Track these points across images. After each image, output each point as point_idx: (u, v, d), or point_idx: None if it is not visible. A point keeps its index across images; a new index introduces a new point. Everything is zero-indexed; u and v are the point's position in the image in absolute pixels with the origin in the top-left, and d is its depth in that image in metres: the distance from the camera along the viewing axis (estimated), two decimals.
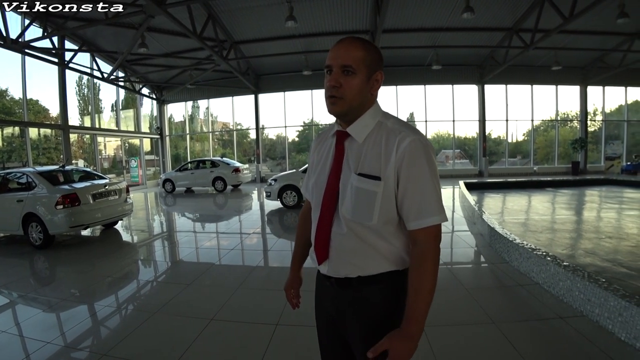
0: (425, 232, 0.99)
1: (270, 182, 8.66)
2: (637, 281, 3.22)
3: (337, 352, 1.22)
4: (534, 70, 15.46)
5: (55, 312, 3.19)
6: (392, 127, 1.03)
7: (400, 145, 0.98)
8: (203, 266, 4.41)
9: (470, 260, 4.52)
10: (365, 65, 1.01)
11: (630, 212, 6.83)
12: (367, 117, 1.06)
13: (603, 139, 17.03)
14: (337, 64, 1.00)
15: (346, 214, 1.04)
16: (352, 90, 1.01)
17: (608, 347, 2.29)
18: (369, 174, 1.01)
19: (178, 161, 18.71)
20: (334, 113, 1.06)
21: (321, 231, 1.09)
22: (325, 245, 1.09)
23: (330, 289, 1.15)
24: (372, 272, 1.06)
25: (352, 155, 1.05)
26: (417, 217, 0.99)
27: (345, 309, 1.12)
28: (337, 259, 1.08)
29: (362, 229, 1.03)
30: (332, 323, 1.19)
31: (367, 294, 1.08)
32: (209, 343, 2.52)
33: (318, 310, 1.25)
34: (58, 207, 5.33)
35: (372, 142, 1.04)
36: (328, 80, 1.02)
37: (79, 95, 16.63)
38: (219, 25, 11.11)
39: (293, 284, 1.39)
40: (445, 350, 2.33)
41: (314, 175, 1.17)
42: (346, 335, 1.16)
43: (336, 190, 1.06)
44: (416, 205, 0.99)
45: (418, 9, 10.74)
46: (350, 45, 1.01)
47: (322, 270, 1.14)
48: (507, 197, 9.24)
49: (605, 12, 9.86)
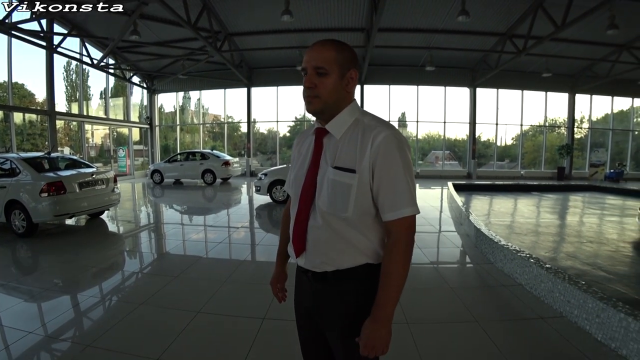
0: (398, 222, 1.03)
1: (260, 177, 8.63)
2: (615, 285, 3.33)
3: (316, 345, 1.25)
4: (524, 76, 15.71)
5: (38, 301, 3.12)
6: (369, 123, 1.07)
7: (375, 139, 1.02)
8: (190, 259, 4.38)
9: (456, 260, 4.60)
10: (337, 64, 1.05)
11: (611, 218, 7.04)
12: (345, 114, 1.10)
13: (588, 146, 17.45)
14: (311, 65, 1.06)
15: (322, 206, 1.07)
16: (326, 89, 1.05)
17: (585, 347, 2.37)
18: (345, 167, 1.04)
19: (167, 152, 18.45)
20: (311, 111, 1.10)
21: (298, 224, 1.13)
22: (302, 238, 1.12)
23: (307, 283, 1.18)
24: (347, 265, 1.09)
25: (330, 151, 1.10)
26: (391, 209, 1.03)
27: (322, 303, 1.15)
28: (313, 251, 1.11)
29: (337, 221, 1.07)
30: (310, 317, 1.22)
31: (343, 288, 1.11)
32: (195, 336, 2.51)
33: (297, 304, 1.28)
34: (43, 194, 5.21)
35: (349, 138, 1.07)
36: (304, 81, 1.08)
37: (67, 81, 16.27)
38: (214, 16, 10.96)
39: (279, 278, 1.42)
40: (429, 348, 2.38)
41: (294, 171, 1.22)
42: (324, 327, 1.18)
43: (314, 184, 1.10)
44: (390, 197, 1.02)
45: (414, 9, 10.78)
46: (321, 47, 1.06)
47: (300, 263, 1.17)
48: (494, 200, 9.41)
49: (595, 23, 10.07)
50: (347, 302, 1.11)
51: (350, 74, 1.09)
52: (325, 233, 1.08)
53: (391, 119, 16.86)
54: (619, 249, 4.72)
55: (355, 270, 1.09)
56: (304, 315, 1.25)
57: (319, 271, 1.12)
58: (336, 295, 1.12)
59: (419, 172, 16.57)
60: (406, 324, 2.63)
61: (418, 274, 3.81)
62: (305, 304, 1.22)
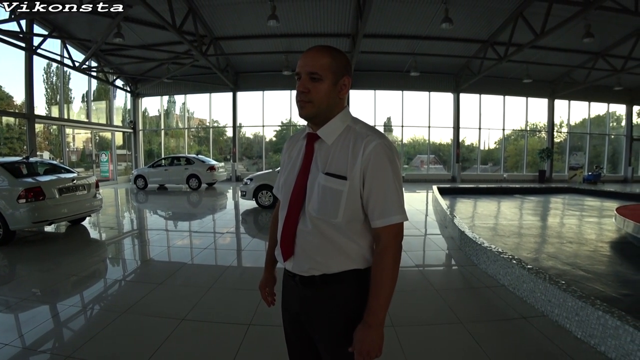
0: (387, 229, 1.05)
1: (246, 182, 8.56)
2: (594, 283, 3.44)
3: (304, 350, 1.25)
4: (506, 82, 16.16)
5: (15, 312, 3.01)
6: (360, 131, 1.09)
7: (366, 148, 1.04)
8: (175, 265, 4.30)
9: (441, 262, 4.66)
10: (331, 71, 1.07)
11: (590, 219, 7.25)
12: (337, 120, 1.12)
13: (567, 150, 18.03)
14: (305, 71, 1.07)
15: (312, 211, 1.08)
16: (319, 95, 1.07)
17: (566, 345, 2.44)
18: (336, 174, 1.06)
19: (151, 157, 18.13)
20: (303, 116, 1.11)
21: (287, 228, 1.13)
22: (290, 242, 1.13)
23: (295, 288, 1.17)
24: (335, 270, 1.09)
25: (321, 156, 1.11)
26: (380, 216, 1.04)
27: (310, 308, 1.15)
28: (301, 256, 1.11)
29: (326, 226, 1.07)
30: (297, 321, 1.21)
31: (331, 292, 1.11)
32: (180, 344, 2.47)
33: (284, 309, 1.28)
34: (20, 201, 5.04)
35: (341, 145, 1.09)
36: (297, 86, 1.09)
37: (47, 83, 15.80)
38: (200, 20, 10.90)
39: (267, 282, 1.42)
40: (414, 349, 2.40)
41: (284, 175, 1.22)
42: (311, 332, 1.18)
43: (304, 189, 1.11)
44: (380, 204, 1.04)
45: (399, 16, 10.97)
46: (316, 53, 1.08)
47: (288, 267, 1.17)
48: (477, 203, 9.58)
49: (572, 31, 10.48)
50: (335, 307, 1.11)
51: (344, 81, 1.10)
52: (315, 238, 1.09)
53: (377, 123, 17.05)
54: (597, 248, 4.87)
55: (343, 275, 1.10)
56: (292, 320, 1.24)
57: (306, 275, 1.12)
58: (324, 300, 1.12)
59: (405, 176, 16.75)
60: (392, 327, 2.64)
61: (403, 277, 3.83)
62: (292, 309, 1.22)
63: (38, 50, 10.93)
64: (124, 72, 15.68)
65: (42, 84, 15.33)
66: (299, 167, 1.15)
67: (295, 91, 1.10)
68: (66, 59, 12.40)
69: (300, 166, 1.15)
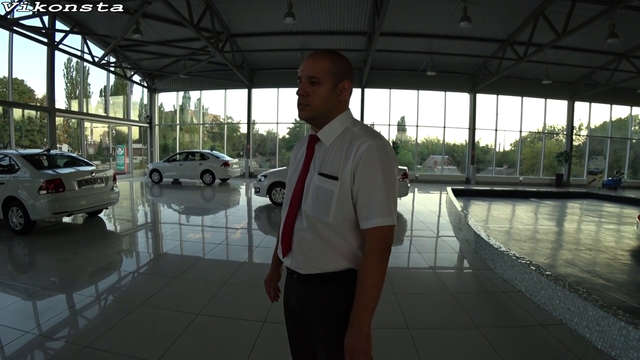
0: (372, 232, 1.04)
1: (260, 178, 8.61)
2: (614, 293, 3.34)
3: (303, 346, 1.27)
4: (524, 83, 15.79)
5: (34, 300, 3.10)
6: (357, 133, 1.10)
7: (359, 148, 1.04)
8: (189, 259, 4.36)
9: (456, 265, 4.60)
10: (330, 75, 1.09)
11: (609, 226, 7.06)
12: (336, 122, 1.14)
13: (587, 154, 17.53)
14: (305, 75, 1.11)
15: (307, 210, 1.12)
16: (318, 98, 1.10)
17: (585, 355, 2.37)
18: (328, 174, 1.09)
19: (166, 151, 18.41)
20: (302, 118, 1.15)
21: (287, 226, 1.18)
22: (288, 239, 1.17)
23: (293, 285, 1.21)
24: (330, 268, 1.11)
25: (319, 157, 1.14)
26: (366, 218, 1.05)
27: (307, 306, 1.18)
28: (297, 252, 1.15)
29: (320, 224, 1.10)
30: (296, 318, 1.25)
31: (326, 292, 1.13)
32: (195, 338, 2.50)
33: (285, 305, 1.32)
34: (41, 192, 5.18)
35: (337, 146, 1.11)
36: (297, 89, 1.13)
37: (67, 78, 16.20)
38: (216, 17, 10.98)
39: (272, 278, 1.47)
40: (430, 353, 2.37)
41: (289, 175, 1.28)
42: (307, 330, 1.20)
43: (302, 188, 1.14)
44: (365, 206, 1.04)
45: (416, 14, 10.83)
46: (316, 57, 1.11)
47: (286, 263, 1.21)
48: (492, 205, 9.42)
49: (596, 31, 10.15)
50: (329, 307, 1.13)
51: (343, 85, 1.12)
52: (309, 235, 1.12)
53: (391, 122, 16.92)
54: (617, 257, 4.73)
55: (338, 275, 1.11)
56: (291, 316, 1.28)
57: (304, 273, 1.15)
58: (319, 299, 1.14)
59: (418, 176, 16.59)
60: (407, 329, 2.62)
61: (418, 279, 3.81)
62: (292, 305, 1.26)
63: (59, 45, 11.19)
64: (142, 68, 15.93)
65: (63, 79, 15.75)
66: (300, 167, 1.20)
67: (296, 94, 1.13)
68: (86, 55, 12.68)
69: (301, 167, 1.19)
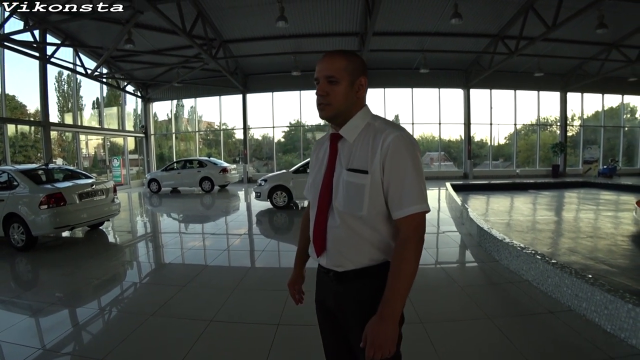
0: (406, 220, 1.06)
1: (260, 183, 8.62)
2: (619, 277, 3.39)
3: (338, 344, 1.27)
4: (517, 76, 15.93)
5: (42, 317, 3.05)
6: (379, 127, 1.13)
7: (385, 141, 1.07)
8: (196, 268, 4.35)
9: (462, 259, 4.64)
10: (347, 73, 1.12)
11: (607, 213, 7.14)
12: (357, 119, 1.17)
13: (581, 144, 17.71)
14: (322, 75, 1.13)
15: (339, 207, 1.13)
16: (337, 97, 1.12)
17: (595, 339, 2.41)
18: (358, 169, 1.10)
19: (163, 161, 18.35)
20: (324, 118, 1.18)
21: (318, 225, 1.18)
22: (322, 238, 1.17)
23: (329, 284, 1.21)
24: (366, 262, 1.12)
25: (344, 154, 1.16)
26: (398, 207, 1.06)
27: (344, 303, 1.18)
28: (333, 250, 1.16)
29: (353, 220, 1.11)
30: (332, 316, 1.25)
31: (363, 286, 1.14)
32: (211, 344, 2.50)
33: (318, 304, 1.31)
34: (42, 207, 5.15)
35: (362, 141, 1.13)
36: (317, 90, 1.15)
37: (59, 91, 16.10)
38: (209, 24, 11.00)
39: (296, 280, 1.46)
40: (446, 346, 2.39)
41: (312, 176, 1.28)
42: (345, 327, 1.21)
43: (330, 186, 1.16)
44: (398, 195, 1.06)
45: (408, 13, 10.91)
46: (332, 57, 1.14)
47: (322, 263, 1.22)
48: (491, 199, 9.49)
49: (585, 23, 10.27)
50: (367, 301, 1.12)
51: (360, 81, 1.15)
52: (344, 232, 1.13)
53: None
54: (617, 242, 4.79)
55: (375, 269, 1.13)
56: (326, 316, 1.27)
57: (340, 270, 1.15)
58: (357, 294, 1.15)
59: None
60: (420, 324, 2.64)
61: (426, 274, 3.83)
62: (327, 304, 1.25)
63: (51, 59, 11.15)
64: (135, 78, 15.89)
65: (54, 92, 15.64)
66: (325, 166, 1.21)
67: (315, 95, 1.15)
68: (79, 67, 12.64)
69: (326, 165, 1.20)
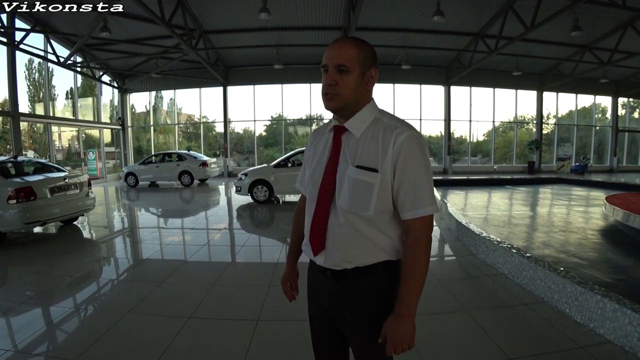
0: (419, 221, 1.05)
1: (241, 177, 8.51)
2: (589, 270, 3.54)
3: (332, 345, 1.25)
4: (496, 75, 16.34)
5: (11, 317, 2.91)
6: (389, 123, 1.08)
7: (397, 139, 1.03)
8: (174, 263, 4.25)
9: (439, 253, 4.73)
10: (358, 63, 1.05)
11: (579, 208, 7.45)
12: (365, 112, 1.10)
13: (555, 141, 18.39)
14: (332, 63, 1.04)
15: (343, 205, 1.07)
16: (347, 87, 1.05)
17: (566, 329, 2.52)
18: (367, 166, 1.05)
19: (140, 154, 17.84)
20: (331, 109, 1.09)
21: (317, 222, 1.12)
22: (321, 236, 1.11)
23: (325, 282, 1.16)
24: (367, 262, 1.09)
25: (349, 149, 1.09)
26: (411, 208, 1.04)
27: (340, 302, 1.14)
28: (333, 250, 1.10)
29: (358, 219, 1.07)
30: (326, 314, 1.21)
31: (362, 285, 1.11)
32: (189, 341, 2.45)
33: (311, 302, 1.27)
34: (11, 202, 4.89)
35: (370, 137, 1.08)
36: (325, 78, 1.06)
37: (29, 80, 15.32)
38: (189, 13, 10.69)
39: (290, 276, 1.40)
40: (423, 338, 2.42)
41: (310, 169, 1.20)
42: (341, 326, 1.18)
43: (333, 182, 1.09)
44: (411, 196, 1.04)
45: (391, 8, 10.95)
46: (343, 44, 1.05)
47: (318, 262, 1.15)
48: (470, 194, 9.73)
49: (561, 25, 10.61)
50: (366, 301, 1.11)
51: (371, 73, 1.09)
52: (347, 231, 1.08)
53: None
54: (588, 236, 5.01)
55: (374, 268, 1.10)
56: (321, 315, 1.23)
57: (338, 269, 1.11)
58: (355, 293, 1.12)
59: None
60: None
61: None
62: (322, 303, 1.21)
63: (20, 45, 10.57)
64: (111, 68, 15.32)
65: (24, 81, 14.87)
66: (326, 160, 1.14)
67: (322, 84, 1.08)
68: (50, 55, 12.05)
69: (327, 159, 1.13)
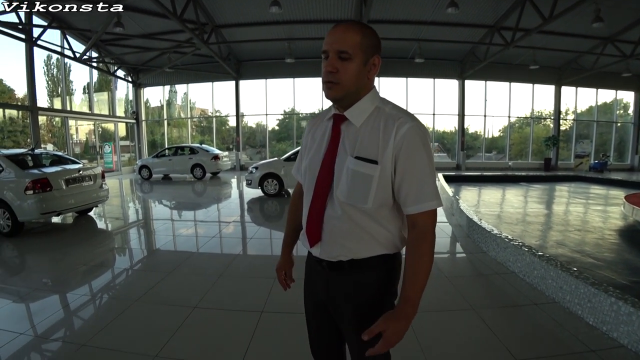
0: (423, 215, 1.01)
1: (252, 170, 8.56)
2: (604, 271, 3.43)
3: (329, 337, 1.23)
4: (512, 68, 15.88)
5: (27, 302, 3.03)
6: (390, 113, 1.03)
7: (399, 131, 0.99)
8: (183, 254, 4.33)
9: (450, 250, 4.66)
10: (361, 50, 0.99)
11: (596, 207, 7.22)
12: (365, 101, 1.05)
13: (574, 138, 17.82)
14: (333, 49, 0.98)
15: (341, 197, 1.04)
16: (349, 75, 0.99)
17: (577, 331, 2.43)
18: (366, 158, 1.01)
19: (154, 147, 18.12)
20: (331, 98, 1.05)
21: (314, 214, 1.09)
22: (317, 228, 1.09)
23: (321, 273, 1.15)
24: (364, 255, 1.07)
25: (349, 139, 1.05)
26: (415, 202, 1.00)
27: (336, 293, 1.13)
28: (329, 241, 1.08)
29: (356, 211, 1.04)
30: (322, 306, 1.19)
31: (359, 277, 1.09)
32: (193, 331, 2.49)
33: (307, 294, 1.25)
34: (28, 192, 5.05)
35: (370, 127, 1.03)
36: (325, 65, 1.01)
37: (48, 75, 15.70)
38: (201, 7, 10.73)
39: (285, 265, 1.38)
40: (428, 336, 2.40)
41: (307, 157, 1.16)
42: (337, 318, 1.16)
43: (331, 173, 1.06)
44: (415, 190, 1.00)
45: (404, 1, 10.74)
46: (346, 29, 0.99)
47: (314, 253, 1.13)
48: (483, 190, 9.55)
49: (582, 16, 10.21)
50: (362, 293, 1.09)
51: (374, 60, 1.04)
52: (344, 223, 1.05)
53: None
54: (605, 236, 4.85)
55: (371, 260, 1.08)
56: (317, 306, 1.22)
57: (334, 261, 1.09)
58: (352, 285, 1.10)
59: None
60: None
61: None
62: (318, 295, 1.19)
63: (38, 41, 10.82)
64: (125, 62, 15.55)
65: (43, 76, 15.25)
66: (324, 149, 1.10)
67: (322, 71, 1.03)
68: (67, 50, 12.29)
69: (326, 149, 1.09)
